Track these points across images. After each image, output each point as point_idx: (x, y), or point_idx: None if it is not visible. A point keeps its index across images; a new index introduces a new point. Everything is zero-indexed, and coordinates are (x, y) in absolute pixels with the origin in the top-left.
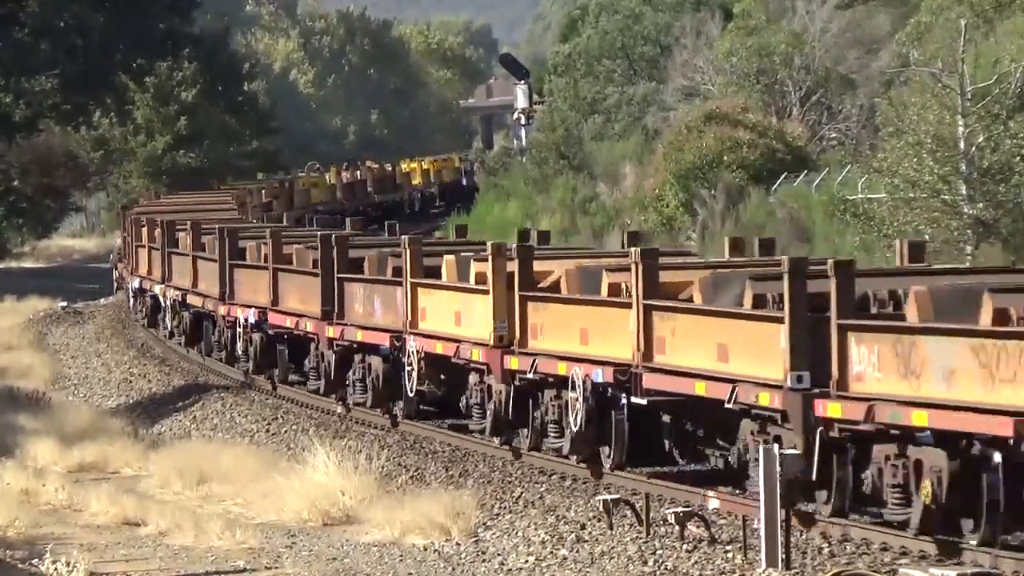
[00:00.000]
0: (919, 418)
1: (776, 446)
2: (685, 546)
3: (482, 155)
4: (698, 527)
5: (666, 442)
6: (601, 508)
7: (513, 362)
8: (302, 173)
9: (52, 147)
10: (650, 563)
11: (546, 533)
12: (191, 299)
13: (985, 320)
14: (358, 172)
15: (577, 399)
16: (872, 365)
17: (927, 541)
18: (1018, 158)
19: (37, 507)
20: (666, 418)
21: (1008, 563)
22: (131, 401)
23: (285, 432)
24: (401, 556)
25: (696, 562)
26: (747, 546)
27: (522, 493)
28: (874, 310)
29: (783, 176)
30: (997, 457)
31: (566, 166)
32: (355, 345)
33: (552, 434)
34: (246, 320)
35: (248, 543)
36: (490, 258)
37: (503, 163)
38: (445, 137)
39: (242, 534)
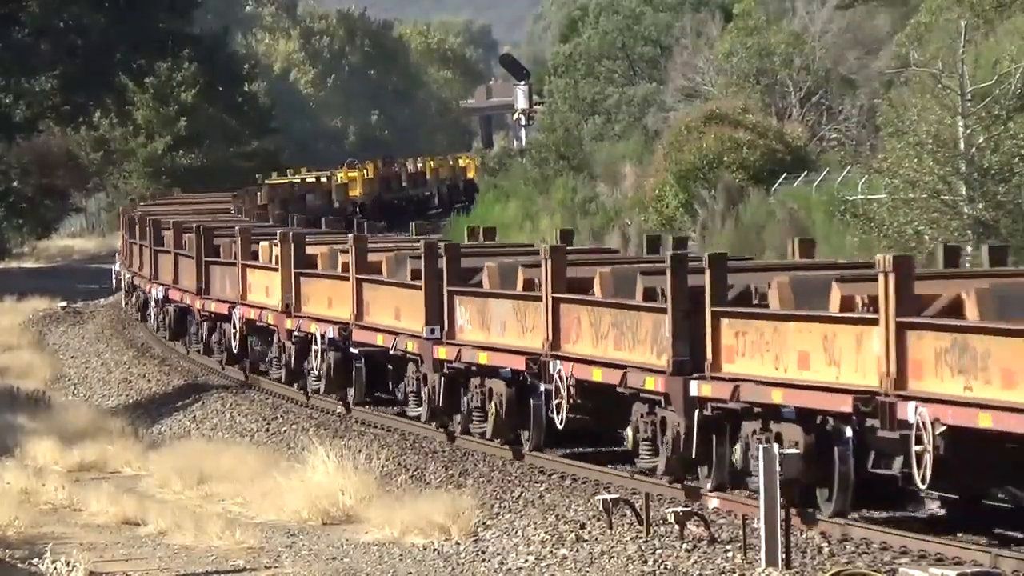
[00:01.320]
0: (484, 358)
1: (776, 446)
2: (685, 546)
3: (482, 155)
4: (698, 527)
5: (390, 383)
6: (601, 508)
7: (289, 323)
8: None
9: (52, 147)
10: (650, 563)
11: (546, 533)
12: (137, 280)
13: (519, 286)
14: (394, 167)
15: (319, 350)
16: (467, 320)
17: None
18: (1018, 159)
19: (37, 507)
20: (390, 366)
21: (1008, 562)
22: (131, 401)
23: (285, 432)
24: (401, 556)
25: (696, 562)
26: (747, 545)
27: (522, 493)
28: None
29: (783, 176)
30: (542, 387)
31: (566, 166)
32: (213, 315)
33: (312, 379)
34: (157, 295)
35: (248, 543)
36: (279, 243)
37: (503, 163)
38: (445, 137)
39: (242, 534)
